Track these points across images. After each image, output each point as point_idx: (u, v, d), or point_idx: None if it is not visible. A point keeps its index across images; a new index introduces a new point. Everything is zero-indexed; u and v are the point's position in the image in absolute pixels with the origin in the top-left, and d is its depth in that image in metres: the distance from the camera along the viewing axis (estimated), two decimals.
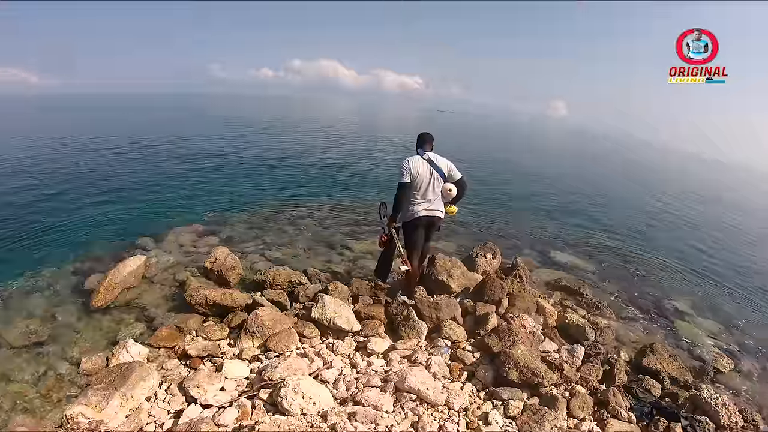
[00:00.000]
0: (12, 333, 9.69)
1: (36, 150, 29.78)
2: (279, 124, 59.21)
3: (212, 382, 7.06)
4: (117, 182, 22.15)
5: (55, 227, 15.84)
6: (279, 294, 9.80)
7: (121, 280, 10.54)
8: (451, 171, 9.03)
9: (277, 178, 23.61)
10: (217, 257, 10.97)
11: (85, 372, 8.31)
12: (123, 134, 39.77)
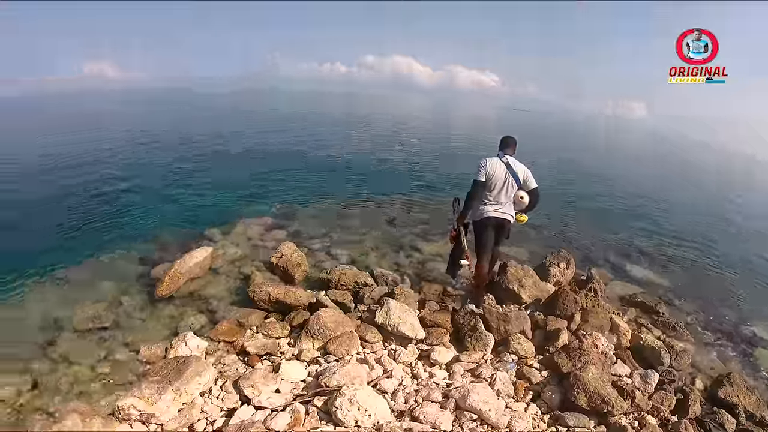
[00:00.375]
0: (78, 316, 9.78)
1: (113, 141, 30.46)
2: (351, 120, 59.20)
3: (268, 383, 6.89)
4: (188, 173, 22.45)
5: (127, 214, 16.10)
6: (343, 295, 9.57)
7: (187, 270, 10.54)
8: (526, 178, 8.77)
9: (348, 174, 23.51)
10: (283, 253, 10.83)
11: (143, 360, 8.33)
12: (194, 127, 40.44)
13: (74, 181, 20.62)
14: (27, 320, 10.02)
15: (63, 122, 44.98)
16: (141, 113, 58.00)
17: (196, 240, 13.08)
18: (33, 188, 19.14)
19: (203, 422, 6.59)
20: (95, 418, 6.92)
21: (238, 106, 72.04)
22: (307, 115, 59.87)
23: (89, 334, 9.31)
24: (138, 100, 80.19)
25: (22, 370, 8.41)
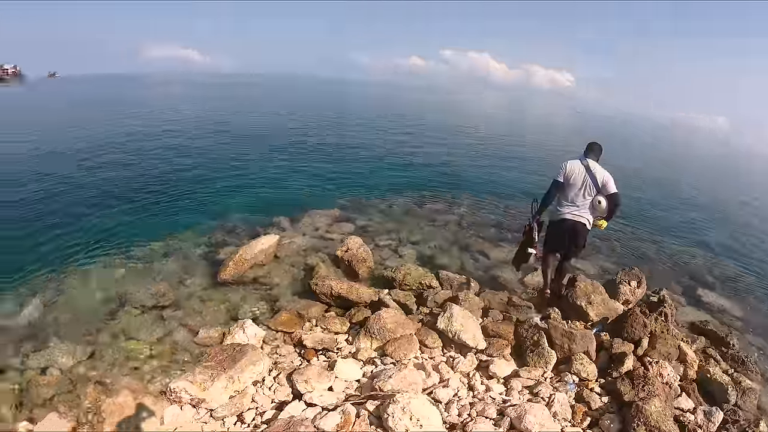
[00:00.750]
0: (141, 292, 9.95)
1: (193, 123, 31.07)
2: (425, 116, 58.98)
3: (321, 380, 6.79)
4: (261, 159, 22.69)
5: (198, 195, 16.33)
6: (406, 296, 9.40)
7: (252, 256, 10.58)
8: (605, 183, 8.50)
9: (419, 170, 23.30)
10: (349, 246, 10.79)
11: (200, 343, 8.39)
12: (266, 117, 40.95)
13: (165, 155, 21.17)
14: (92, 292, 10.25)
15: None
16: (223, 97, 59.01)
17: (264, 227, 13.20)
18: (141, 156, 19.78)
19: (253, 412, 6.55)
20: (146, 396, 7.00)
21: (339, 98, 72.77)
22: (379, 108, 60.14)
23: (149, 311, 9.47)
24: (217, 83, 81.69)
25: (81, 340, 8.61)
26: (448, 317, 8.06)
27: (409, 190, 18.59)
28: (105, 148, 24.68)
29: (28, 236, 12.99)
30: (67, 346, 8.43)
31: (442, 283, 10.19)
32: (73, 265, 11.42)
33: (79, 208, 15.27)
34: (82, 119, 37.09)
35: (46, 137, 26.48)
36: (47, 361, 8.06)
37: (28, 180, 17.90)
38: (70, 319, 9.39)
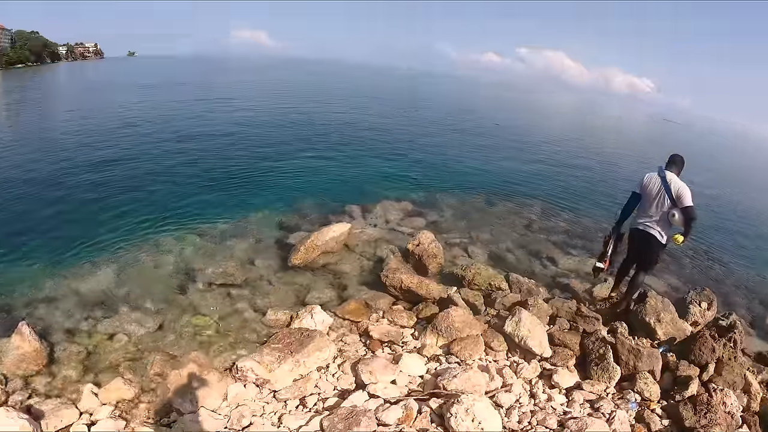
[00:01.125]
0: (212, 269, 10.21)
1: (268, 107, 31.46)
2: (499, 114, 58.38)
3: (386, 372, 6.82)
4: (337, 146, 22.87)
5: (271, 178, 16.61)
6: (475, 296, 9.36)
7: (323, 243, 10.69)
8: (680, 195, 8.29)
9: (492, 168, 23.01)
10: (421, 241, 10.74)
11: (267, 324, 8.54)
12: (345, 105, 41.19)
13: (239, 137, 21.58)
14: (164, 265, 10.54)
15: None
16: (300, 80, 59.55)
17: (335, 214, 13.35)
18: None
19: (315, 397, 6.63)
20: (212, 371, 7.13)
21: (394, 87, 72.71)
22: (456, 101, 59.83)
23: (219, 288, 9.72)
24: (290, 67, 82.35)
25: (151, 311, 8.94)
26: (516, 321, 7.98)
27: (481, 188, 18.45)
28: (170, 127, 25.38)
29: (106, 206, 13.46)
30: (136, 315, 8.73)
31: (511, 285, 10.08)
32: (147, 237, 11.81)
33: (154, 183, 15.78)
34: (151, 100, 38.09)
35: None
36: (116, 328, 8.41)
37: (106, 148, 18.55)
38: (140, 290, 9.70)
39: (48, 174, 17.41)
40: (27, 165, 18.79)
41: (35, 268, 10.58)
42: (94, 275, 10.32)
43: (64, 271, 10.51)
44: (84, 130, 26.65)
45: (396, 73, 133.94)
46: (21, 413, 5.97)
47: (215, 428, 6.14)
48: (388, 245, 11.66)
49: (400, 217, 13.66)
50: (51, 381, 7.25)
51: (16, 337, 7.58)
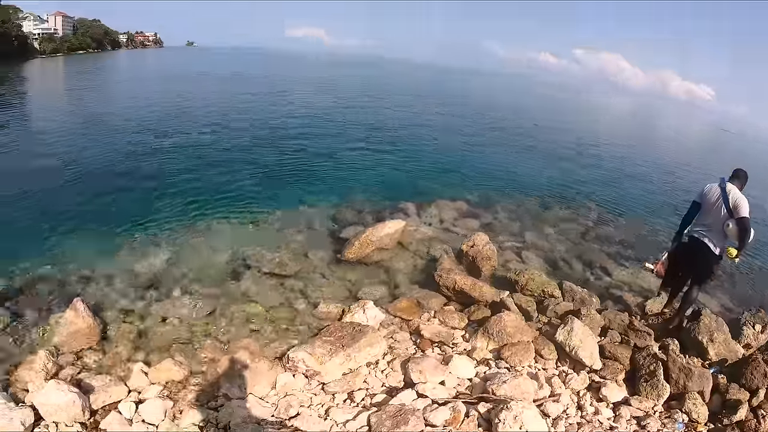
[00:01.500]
0: (265, 258, 10.39)
1: (324, 101, 31.70)
2: (554, 116, 57.40)
3: (435, 372, 6.83)
4: (394, 140, 22.93)
5: (327, 171, 16.82)
6: (528, 301, 9.28)
7: (378, 239, 10.74)
8: (736, 205, 8.11)
9: (546, 172, 22.60)
10: (475, 243, 10.68)
11: (318, 316, 8.63)
12: (400, 101, 41.25)
13: (295, 129, 21.83)
14: (219, 251, 10.74)
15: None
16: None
17: (390, 211, 13.43)
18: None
19: (363, 392, 6.68)
20: (262, 359, 7.25)
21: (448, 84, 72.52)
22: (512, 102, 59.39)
23: (272, 278, 9.88)
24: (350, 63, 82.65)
25: (204, 295, 9.13)
26: (568, 330, 7.88)
27: (536, 191, 18.30)
28: (228, 116, 25.83)
29: (163, 189, 13.75)
30: (189, 299, 8.95)
31: (564, 294, 9.96)
32: (202, 222, 12.08)
33: (211, 169, 16.11)
34: (210, 89, 38.64)
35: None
36: (168, 311, 8.63)
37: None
38: (194, 274, 9.92)
39: (108, 156, 18.04)
40: (88, 146, 19.48)
41: (92, 246, 10.88)
42: (148, 256, 10.59)
43: (119, 251, 10.84)
44: (144, 115, 27.41)
45: (447, 71, 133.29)
46: (71, 386, 6.16)
47: (262, 415, 6.22)
48: (441, 245, 11.64)
49: (455, 217, 13.66)
50: (102, 358, 7.47)
51: (71, 312, 7.79)
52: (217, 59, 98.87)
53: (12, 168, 16.73)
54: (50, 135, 22.58)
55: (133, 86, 47.85)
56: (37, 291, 9.30)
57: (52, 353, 7.24)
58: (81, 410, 5.95)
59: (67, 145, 20.04)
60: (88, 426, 6.01)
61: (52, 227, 11.73)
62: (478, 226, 13.31)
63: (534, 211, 15.73)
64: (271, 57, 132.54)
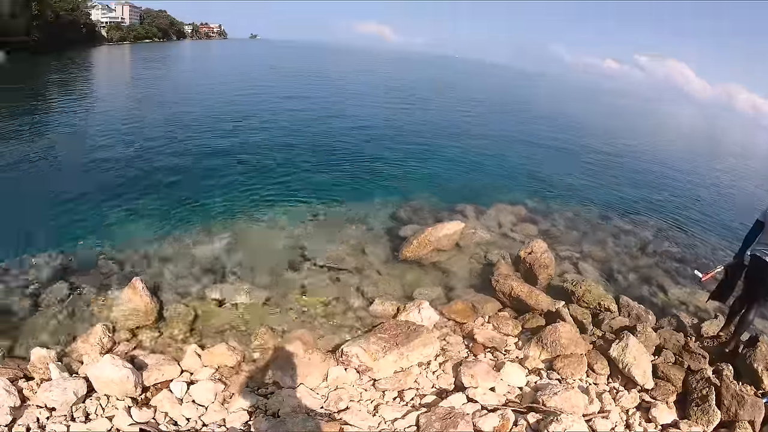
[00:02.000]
0: (323, 252, 10.61)
1: (386, 98, 31.77)
2: (616, 123, 56.46)
3: (487, 378, 6.84)
4: (454, 141, 22.97)
5: (387, 168, 16.97)
6: (584, 313, 9.21)
7: (436, 239, 10.81)
8: None
9: (605, 181, 22.23)
10: (533, 249, 10.63)
11: (373, 313, 8.76)
12: (461, 101, 41.10)
13: (353, 123, 22.03)
14: (277, 241, 11.09)
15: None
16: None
17: (449, 212, 13.52)
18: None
19: (413, 392, 6.76)
20: (316, 351, 7.37)
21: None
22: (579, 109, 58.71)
23: (328, 272, 10.07)
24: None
25: (260, 283, 9.39)
26: (622, 346, 7.77)
27: (596, 200, 18.05)
28: (291, 108, 26.16)
29: (224, 177, 14.04)
30: (245, 286, 9.20)
31: (621, 308, 9.82)
32: (261, 211, 12.40)
33: (272, 158, 16.50)
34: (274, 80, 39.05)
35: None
36: (224, 296, 8.91)
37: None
38: (251, 262, 10.18)
39: (171, 142, 18.60)
40: (151, 131, 20.10)
41: (152, 228, 11.33)
42: (207, 241, 10.93)
43: (179, 234, 11.23)
44: (209, 103, 27.88)
45: (518, 74, 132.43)
46: (125, 362, 6.36)
47: (312, 406, 6.34)
48: (499, 250, 11.63)
49: (513, 222, 13.62)
50: (157, 337, 7.76)
51: (129, 290, 8.11)
52: (284, 53, 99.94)
53: (78, 149, 17.35)
54: (115, 119, 23.34)
55: (199, 75, 48.78)
56: (96, 268, 9.74)
57: (109, 329, 7.59)
58: (133, 386, 6.17)
59: (131, 130, 20.71)
60: (138, 401, 6.23)
61: (113, 208, 12.28)
62: (537, 232, 13.26)
63: (593, 222, 15.53)
64: (337, 52, 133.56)
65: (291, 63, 70.09)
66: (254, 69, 60.06)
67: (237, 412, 6.18)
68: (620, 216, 16.83)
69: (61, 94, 32.38)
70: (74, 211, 12.13)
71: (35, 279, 9.21)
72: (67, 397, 5.85)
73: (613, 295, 10.26)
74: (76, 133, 20.77)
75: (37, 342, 7.39)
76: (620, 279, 12.02)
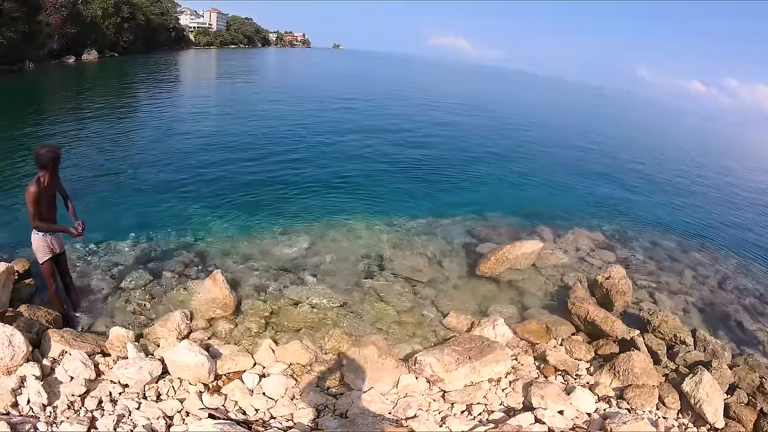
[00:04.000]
0: (400, 261, 10.88)
1: (471, 112, 31.88)
2: (702, 149, 54.70)
3: (557, 401, 6.86)
4: (535, 161, 22.87)
5: (468, 183, 17.06)
6: (659, 344, 9.02)
7: (513, 257, 10.87)
8: None
9: (685, 211, 21.40)
10: (612, 275, 10.48)
11: (446, 326, 8.91)
12: (540, 115, 40.84)
13: (438, 137, 22.25)
14: (355, 247, 11.51)
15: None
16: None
17: (527, 231, 13.57)
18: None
19: (481, 407, 6.86)
20: (389, 357, 7.56)
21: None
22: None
23: (405, 281, 10.28)
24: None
25: (337, 288, 9.69)
26: (696, 382, 7.61)
27: (676, 229, 17.61)
28: (375, 119, 26.45)
29: (306, 181, 14.36)
30: (322, 289, 9.52)
31: (696, 342, 9.54)
32: (340, 217, 12.79)
33: (352, 166, 16.85)
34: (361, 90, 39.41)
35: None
36: (301, 297, 9.24)
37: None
38: (329, 266, 10.55)
39: (259, 144, 19.22)
40: (240, 132, 20.76)
41: (234, 224, 11.86)
42: (286, 242, 11.30)
43: (259, 234, 11.72)
44: (295, 108, 28.44)
45: (596, 91, 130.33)
46: (201, 349, 6.75)
47: (381, 411, 6.53)
48: (575, 273, 11.59)
49: (591, 248, 13.52)
50: (232, 329, 8.14)
51: (209, 281, 8.56)
52: (368, 62, 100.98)
53: (165, 146, 18.07)
54: (204, 118, 24.08)
55: (289, 81, 49.70)
56: (178, 258, 10.26)
57: (187, 316, 7.98)
58: (207, 372, 6.52)
59: (217, 131, 21.42)
60: (210, 388, 6.56)
61: (196, 203, 12.93)
62: (614, 259, 13.10)
63: (672, 252, 15.18)
64: (413, 63, 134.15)
65: (373, 73, 70.69)
66: (336, 78, 61.04)
67: (305, 408, 6.40)
68: (700, 246, 16.41)
69: (148, 93, 33.55)
70: (160, 203, 12.72)
71: (120, 263, 9.80)
72: (142, 376, 6.23)
73: (690, 328, 10.02)
74: (162, 130, 21.58)
75: (117, 321, 7.89)
76: (697, 312, 11.79)
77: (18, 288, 8.10)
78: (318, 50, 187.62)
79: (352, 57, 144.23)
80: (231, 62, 77.68)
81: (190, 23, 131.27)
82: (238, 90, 40.04)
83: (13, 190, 12.62)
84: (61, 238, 7.25)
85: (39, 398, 5.50)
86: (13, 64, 41.99)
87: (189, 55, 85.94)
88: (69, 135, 19.46)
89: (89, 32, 62.12)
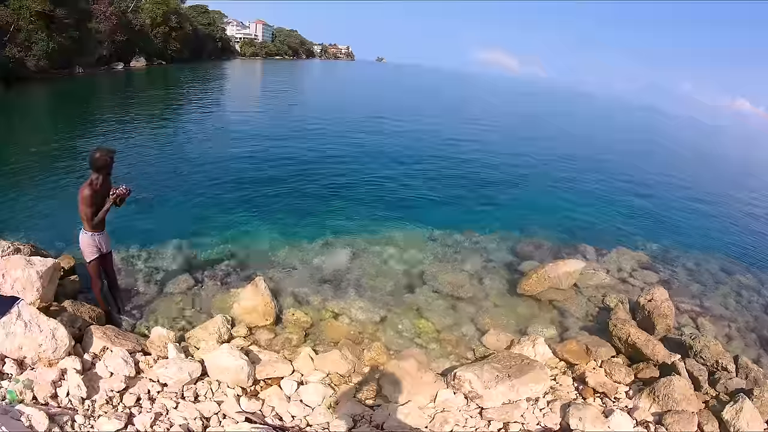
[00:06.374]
0: (441, 277, 10.92)
1: (518, 132, 31.92)
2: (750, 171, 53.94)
3: (595, 423, 6.82)
4: (581, 181, 22.73)
5: (509, 200, 17.23)
6: (700, 370, 8.80)
7: (555, 276, 10.83)
8: None
9: (737, 229, 21.10)
10: (654, 297, 10.36)
11: (485, 343, 8.95)
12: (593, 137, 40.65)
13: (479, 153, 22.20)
14: (396, 261, 11.64)
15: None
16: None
17: (569, 250, 13.49)
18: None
19: (518, 426, 6.86)
20: (428, 371, 7.64)
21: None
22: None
23: (445, 298, 10.35)
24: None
25: (378, 302, 9.82)
26: (737, 410, 7.50)
27: (721, 250, 17.14)
28: (422, 138, 26.56)
29: (348, 194, 14.53)
30: (363, 302, 9.66)
31: (739, 369, 9.29)
32: (382, 231, 12.92)
33: (395, 181, 16.82)
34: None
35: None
36: (341, 309, 9.40)
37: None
38: (370, 280, 10.68)
39: (302, 156, 19.25)
40: (282, 145, 20.83)
41: (277, 236, 12.06)
42: (328, 254, 11.51)
43: (302, 245, 11.92)
44: (338, 121, 28.65)
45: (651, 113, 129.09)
46: (242, 353, 6.94)
47: (417, 424, 6.59)
48: (617, 294, 11.51)
49: (633, 268, 13.32)
50: (273, 338, 8.34)
51: (251, 288, 8.78)
52: (424, 78, 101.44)
53: (214, 154, 18.34)
54: (249, 129, 24.42)
55: (333, 95, 50.21)
56: (221, 265, 10.56)
57: (228, 321, 8.21)
58: (246, 377, 6.70)
59: (263, 141, 21.77)
60: (248, 392, 6.71)
61: (240, 212, 13.27)
62: (657, 281, 12.87)
63: (716, 275, 14.90)
64: (454, 77, 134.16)
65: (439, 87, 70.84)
66: (386, 92, 61.43)
67: (342, 418, 6.49)
68: (745, 270, 16.09)
69: (194, 101, 34.06)
70: (205, 210, 12.95)
71: (163, 267, 10.13)
72: (182, 376, 6.41)
73: (732, 354, 9.82)
74: (210, 138, 21.93)
75: (158, 323, 8.15)
76: (740, 338, 11.53)
77: (63, 284, 8.38)
78: (364, 62, 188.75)
79: (407, 72, 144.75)
80: (277, 77, 78.56)
81: (236, 34, 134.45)
82: (289, 103, 40.47)
83: (60, 188, 12.96)
84: (108, 239, 7.44)
85: (78, 391, 5.71)
86: (64, 69, 43.23)
87: (235, 65, 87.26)
88: (116, 139, 19.92)
89: (137, 40, 63.71)
